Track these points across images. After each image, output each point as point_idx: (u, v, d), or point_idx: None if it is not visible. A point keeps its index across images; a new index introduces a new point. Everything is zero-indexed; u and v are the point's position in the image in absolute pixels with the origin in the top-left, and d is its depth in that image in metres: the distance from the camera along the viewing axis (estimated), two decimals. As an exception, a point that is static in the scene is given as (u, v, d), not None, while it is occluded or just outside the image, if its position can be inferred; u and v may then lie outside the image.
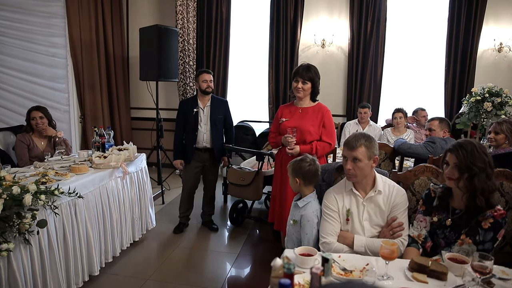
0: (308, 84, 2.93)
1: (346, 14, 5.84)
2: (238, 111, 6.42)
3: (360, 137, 2.04)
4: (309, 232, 2.21)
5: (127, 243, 3.51)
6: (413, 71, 5.93)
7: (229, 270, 3.39)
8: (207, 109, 3.91)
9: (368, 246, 1.99)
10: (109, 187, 3.20)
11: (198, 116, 3.87)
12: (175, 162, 3.98)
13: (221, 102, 4.03)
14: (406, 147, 3.53)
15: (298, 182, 2.30)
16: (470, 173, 1.82)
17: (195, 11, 6.03)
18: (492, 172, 1.85)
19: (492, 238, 1.82)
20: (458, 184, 1.86)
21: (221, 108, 3.97)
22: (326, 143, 2.96)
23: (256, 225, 4.36)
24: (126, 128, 6.51)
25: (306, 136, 2.93)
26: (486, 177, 1.82)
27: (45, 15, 5.19)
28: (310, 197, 2.30)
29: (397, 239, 2.00)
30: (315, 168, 2.30)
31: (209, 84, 3.85)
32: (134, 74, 6.48)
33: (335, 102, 6.06)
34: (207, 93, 3.88)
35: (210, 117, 3.90)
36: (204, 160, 3.98)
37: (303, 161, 2.30)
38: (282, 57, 5.94)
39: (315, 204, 2.28)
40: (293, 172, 2.31)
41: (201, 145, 3.92)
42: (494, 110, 3.88)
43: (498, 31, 5.53)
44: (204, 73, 3.87)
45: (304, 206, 2.27)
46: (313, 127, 2.95)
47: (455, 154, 1.86)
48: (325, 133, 2.97)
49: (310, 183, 2.32)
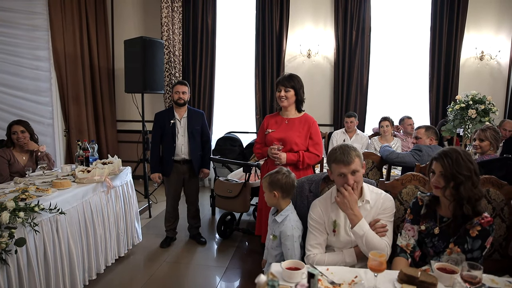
0: (290, 91, 2.91)
1: (331, 24, 5.90)
2: (225, 122, 6.41)
3: (348, 150, 2.00)
4: (291, 247, 2.14)
5: (112, 259, 3.42)
6: (398, 80, 6.00)
7: (218, 284, 3.31)
8: (184, 121, 3.86)
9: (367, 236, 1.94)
10: (92, 202, 3.12)
11: (175, 127, 3.82)
12: (153, 175, 3.89)
13: (198, 114, 3.98)
14: (393, 156, 3.53)
15: (277, 196, 2.21)
16: (455, 181, 1.81)
17: (180, 23, 6.03)
18: (478, 179, 1.84)
19: (481, 246, 1.81)
20: (445, 193, 1.85)
21: (198, 120, 3.92)
22: (314, 154, 2.93)
23: (245, 237, 4.30)
24: (112, 141, 6.42)
25: (293, 147, 2.90)
26: (472, 185, 1.81)
27: (28, 27, 5.14)
28: (287, 210, 2.23)
29: (383, 239, 1.98)
30: (292, 180, 2.25)
31: (180, 95, 3.80)
32: (119, 87, 6.40)
33: (322, 111, 6.08)
34: (180, 105, 3.83)
35: (187, 128, 3.85)
36: (183, 172, 3.91)
37: (279, 173, 2.23)
38: (269, 68, 5.96)
39: (293, 217, 2.22)
40: (270, 185, 2.22)
41: (179, 157, 3.85)
42: (479, 117, 3.91)
43: (479, 39, 5.65)
44: (178, 84, 3.85)
45: (283, 221, 2.20)
46: (299, 139, 2.91)
47: (440, 163, 1.86)
48: (312, 144, 2.94)
49: (288, 196, 2.26)
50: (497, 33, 5.63)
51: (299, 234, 2.17)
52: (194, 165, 3.89)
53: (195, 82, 6.16)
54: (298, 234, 2.16)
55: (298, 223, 2.21)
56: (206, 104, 6.18)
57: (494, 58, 5.63)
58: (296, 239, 2.14)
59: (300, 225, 2.21)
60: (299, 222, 2.22)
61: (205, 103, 6.17)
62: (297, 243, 2.15)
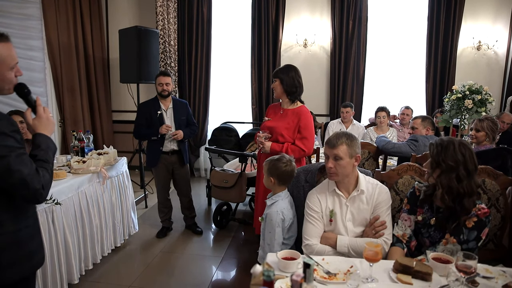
0: (276, 81, 2.91)
1: (327, 14, 5.84)
2: (221, 112, 6.37)
3: (341, 135, 2.01)
4: (272, 231, 2.21)
5: (108, 249, 3.42)
6: (395, 70, 5.97)
7: (214, 274, 3.33)
8: (170, 111, 3.83)
9: (352, 246, 1.96)
10: (88, 193, 3.11)
11: (162, 118, 3.78)
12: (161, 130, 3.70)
13: (183, 104, 3.95)
14: (389, 146, 3.54)
15: (273, 181, 2.29)
16: (439, 169, 1.83)
17: (175, 12, 5.95)
18: (467, 174, 1.80)
19: (476, 237, 1.82)
20: (428, 178, 1.90)
21: (183, 110, 3.90)
22: (298, 148, 2.84)
23: (241, 227, 4.31)
24: (107, 131, 6.38)
25: (278, 138, 2.88)
26: (456, 177, 1.80)
27: (21, 17, 5.04)
28: (279, 196, 2.29)
29: (381, 239, 1.98)
30: (291, 169, 2.28)
31: (164, 87, 3.74)
32: (115, 77, 6.34)
33: (318, 101, 6.06)
34: (163, 96, 3.78)
35: (174, 119, 3.82)
36: (171, 163, 3.88)
37: (280, 161, 2.27)
38: (265, 58, 5.91)
39: (281, 204, 2.26)
40: (269, 171, 2.29)
41: (168, 148, 3.82)
42: (475, 107, 3.91)
43: (476, 28, 5.62)
44: (161, 75, 3.78)
45: (271, 205, 2.28)
46: (286, 130, 2.86)
47: (431, 148, 1.89)
48: (299, 137, 2.86)
49: (284, 184, 2.32)
50: (494, 22, 5.60)
51: (282, 219, 2.21)
52: (183, 155, 3.88)
53: (190, 72, 6.11)
54: (281, 220, 2.21)
55: (286, 211, 2.24)
56: (202, 94, 6.14)
57: (491, 48, 5.61)
58: (278, 225, 2.20)
59: (289, 214, 2.24)
60: (288, 211, 2.25)
61: (201, 93, 6.12)
62: (279, 228, 2.20)
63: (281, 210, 2.22)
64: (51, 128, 1.64)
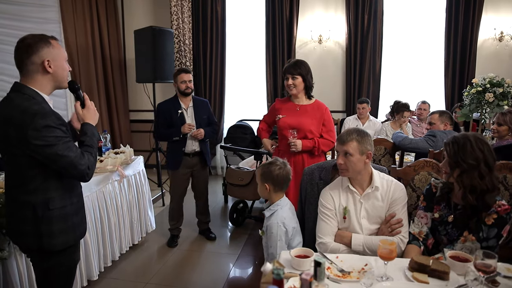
0: (298, 78, 2.85)
1: (342, 9, 5.77)
2: (236, 110, 6.38)
3: (352, 131, 1.98)
4: (273, 245, 2.00)
5: (126, 247, 3.48)
6: (412, 64, 5.84)
7: (230, 271, 3.34)
8: (191, 110, 3.66)
9: (367, 244, 1.93)
10: (106, 191, 3.16)
11: (183, 118, 3.59)
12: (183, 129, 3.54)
13: (203, 103, 3.79)
14: (406, 142, 3.47)
15: (268, 189, 2.10)
16: (460, 169, 1.76)
17: (190, 11, 5.98)
18: (489, 170, 1.75)
19: (497, 235, 1.76)
20: (449, 179, 1.84)
21: (204, 109, 3.74)
22: (328, 140, 2.91)
23: (257, 225, 4.31)
24: (125, 131, 6.47)
25: (307, 134, 2.87)
26: (478, 175, 1.74)
27: (40, 20, 5.16)
28: (277, 205, 2.10)
29: (396, 237, 1.94)
30: (286, 172, 2.12)
31: (188, 85, 3.57)
32: (131, 77, 6.42)
33: (334, 98, 6.00)
34: (187, 94, 3.61)
35: (195, 118, 3.66)
36: (193, 165, 3.70)
37: (273, 164, 2.11)
38: (279, 54, 5.88)
39: (281, 213, 2.06)
40: (262, 177, 2.11)
41: (190, 149, 3.62)
42: (496, 100, 3.80)
43: (498, 20, 5.44)
44: (182, 72, 3.59)
45: (270, 216, 2.08)
46: (313, 126, 2.88)
47: (446, 149, 1.83)
48: (325, 130, 2.92)
49: (281, 189, 2.13)
50: (517, 12, 5.42)
51: (284, 231, 2.03)
52: (206, 156, 3.74)
53: (205, 70, 6.14)
54: (283, 232, 2.02)
55: (287, 220, 2.06)
56: (218, 92, 6.15)
57: (514, 39, 5.43)
58: (281, 238, 2.01)
59: (291, 223, 2.08)
60: (290, 220, 2.09)
61: (216, 91, 6.14)
62: (281, 242, 2.01)
63: (282, 220, 2.04)
64: (96, 119, 1.96)
